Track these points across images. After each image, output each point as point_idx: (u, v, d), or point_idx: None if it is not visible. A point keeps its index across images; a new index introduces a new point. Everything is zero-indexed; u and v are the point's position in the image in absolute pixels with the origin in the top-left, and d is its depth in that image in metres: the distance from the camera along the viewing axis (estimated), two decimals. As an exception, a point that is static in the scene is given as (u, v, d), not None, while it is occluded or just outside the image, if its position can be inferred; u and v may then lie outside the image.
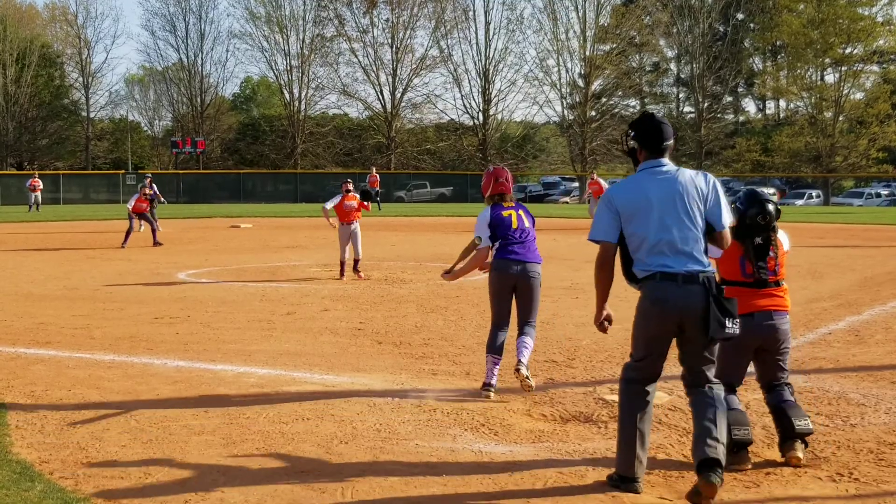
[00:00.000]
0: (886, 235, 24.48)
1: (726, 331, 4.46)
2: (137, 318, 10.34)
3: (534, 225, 7.05)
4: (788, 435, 5.12)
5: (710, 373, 4.62)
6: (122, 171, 59.46)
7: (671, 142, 4.70)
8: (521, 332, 6.77)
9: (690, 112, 68.61)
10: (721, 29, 67.82)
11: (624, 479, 4.60)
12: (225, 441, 5.50)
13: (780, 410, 5.20)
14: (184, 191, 56.41)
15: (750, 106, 77.80)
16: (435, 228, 27.71)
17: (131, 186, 56.96)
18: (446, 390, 6.79)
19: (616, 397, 6.50)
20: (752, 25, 69.63)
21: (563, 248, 19.40)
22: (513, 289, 6.78)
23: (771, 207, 5.29)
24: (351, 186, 14.78)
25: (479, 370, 7.53)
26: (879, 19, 61.71)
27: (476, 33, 66.57)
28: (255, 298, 12.06)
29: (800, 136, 61.29)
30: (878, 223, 30.60)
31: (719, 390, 4.62)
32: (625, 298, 5.58)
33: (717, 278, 4.96)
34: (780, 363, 5.36)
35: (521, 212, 7.02)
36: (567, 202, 59.42)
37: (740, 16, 67.56)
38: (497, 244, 6.84)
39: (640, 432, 4.60)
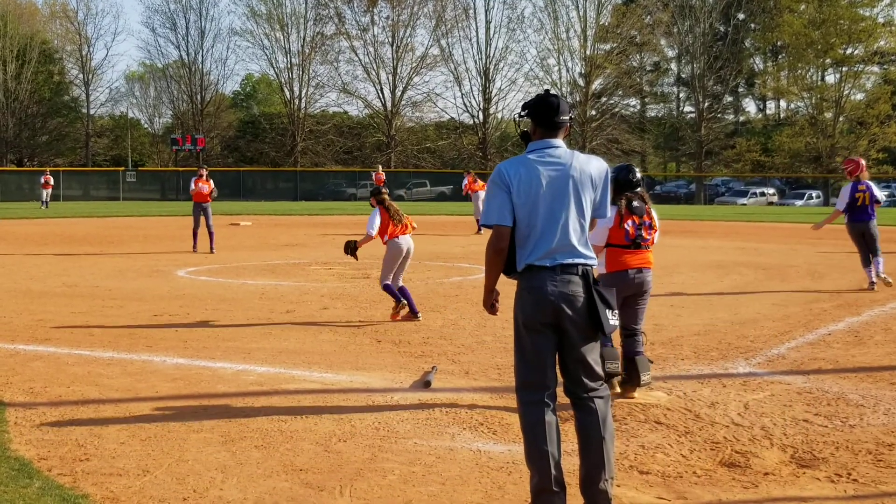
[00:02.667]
0: (886, 237, 24.40)
1: (612, 322, 4.24)
2: (137, 316, 10.33)
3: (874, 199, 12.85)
4: (634, 383, 6.51)
5: (592, 381, 4.25)
6: (122, 168, 59.47)
7: (567, 118, 4.35)
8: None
9: (691, 112, 68.67)
10: (722, 29, 67.81)
11: None
12: (224, 439, 5.50)
13: (633, 362, 6.52)
14: (183, 188, 56.37)
15: (750, 106, 77.89)
16: (434, 227, 27.71)
17: (132, 184, 57.11)
18: (445, 389, 6.79)
19: (615, 395, 6.52)
20: (752, 25, 69.63)
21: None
22: (861, 235, 12.91)
23: (637, 173, 6.75)
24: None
25: (477, 369, 7.53)
26: (880, 20, 61.78)
27: (477, 32, 66.62)
28: (255, 296, 12.06)
29: (800, 137, 61.32)
30: (878, 224, 30.54)
31: (603, 403, 4.25)
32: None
33: (598, 244, 6.41)
34: (640, 311, 6.66)
35: (867, 194, 12.78)
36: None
37: (741, 16, 67.56)
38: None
39: (557, 465, 4.13)
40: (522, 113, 4.41)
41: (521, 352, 4.28)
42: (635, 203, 6.60)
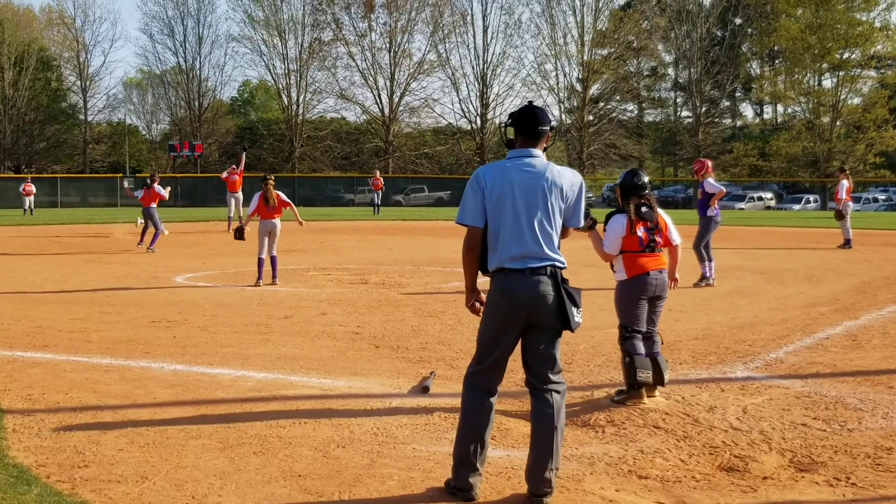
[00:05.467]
0: (883, 240, 24.50)
1: (577, 319, 4.50)
2: (135, 322, 10.32)
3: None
4: (657, 382, 6.49)
5: (553, 375, 4.56)
6: (120, 175, 59.43)
7: (546, 128, 4.63)
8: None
9: (688, 117, 68.78)
10: (719, 33, 67.95)
11: (459, 489, 4.57)
12: (222, 445, 5.49)
13: (655, 363, 6.48)
14: (181, 194, 56.38)
15: (747, 111, 78.08)
16: (432, 232, 27.72)
17: (129, 190, 57.05)
18: (443, 394, 6.78)
19: (614, 400, 6.52)
20: (750, 30, 69.79)
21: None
22: None
23: (644, 177, 6.79)
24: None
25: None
26: (877, 24, 61.88)
27: (474, 38, 66.62)
28: (253, 302, 12.05)
29: (797, 141, 61.39)
30: (875, 228, 30.63)
31: (560, 397, 4.56)
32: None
33: (613, 254, 6.58)
34: (658, 313, 6.72)
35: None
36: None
37: (738, 20, 67.72)
38: None
39: (482, 443, 4.55)
40: (508, 122, 4.71)
41: (485, 345, 4.57)
42: (643, 209, 6.62)
